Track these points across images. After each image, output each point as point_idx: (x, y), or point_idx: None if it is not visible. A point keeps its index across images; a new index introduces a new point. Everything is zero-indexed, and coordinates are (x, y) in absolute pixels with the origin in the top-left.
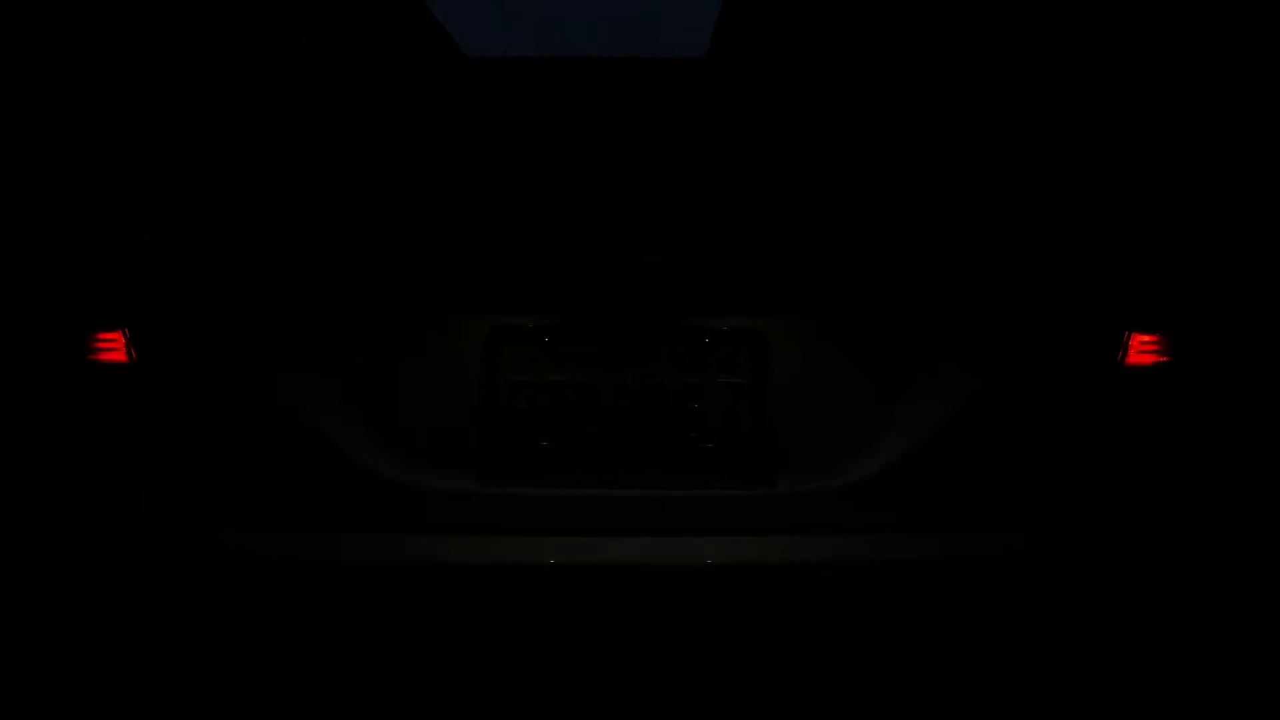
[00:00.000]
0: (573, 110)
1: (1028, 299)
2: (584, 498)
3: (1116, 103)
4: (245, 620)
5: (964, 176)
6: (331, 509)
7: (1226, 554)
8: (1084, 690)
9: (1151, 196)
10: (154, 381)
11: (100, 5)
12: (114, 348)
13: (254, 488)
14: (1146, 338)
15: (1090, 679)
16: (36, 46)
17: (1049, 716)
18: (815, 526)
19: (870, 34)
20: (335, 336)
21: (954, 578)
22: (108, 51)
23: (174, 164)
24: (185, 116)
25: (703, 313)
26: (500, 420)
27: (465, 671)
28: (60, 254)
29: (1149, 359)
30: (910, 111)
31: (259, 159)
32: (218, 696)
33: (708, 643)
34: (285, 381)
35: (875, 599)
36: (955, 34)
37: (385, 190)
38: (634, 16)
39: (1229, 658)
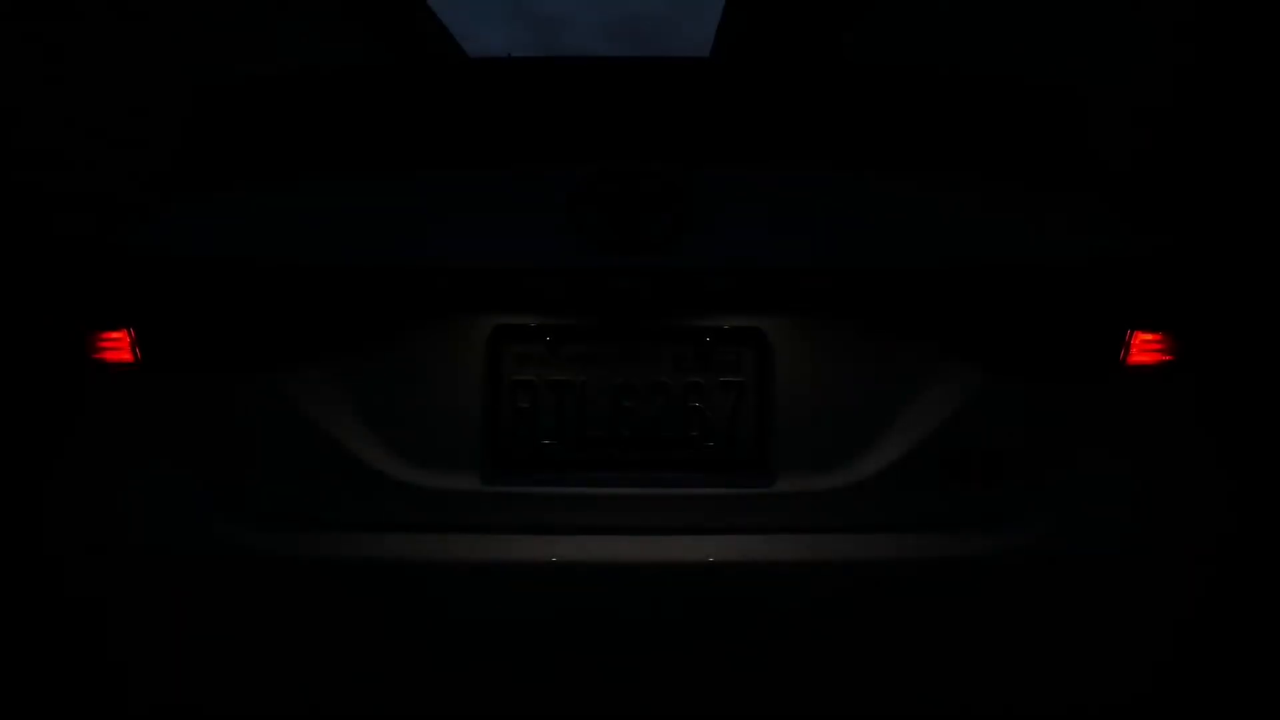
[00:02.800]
0: (575, 110)
1: (1030, 298)
2: (586, 497)
3: (1119, 102)
4: (248, 618)
5: (967, 176)
6: (335, 508)
7: (1230, 554)
8: (1085, 688)
9: (1155, 196)
10: (159, 380)
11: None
12: (119, 347)
13: (258, 486)
14: (1149, 337)
15: (1092, 677)
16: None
17: (1047, 713)
18: (817, 525)
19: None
20: (339, 336)
21: (955, 576)
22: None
23: (179, 166)
24: (192, 117)
25: (705, 312)
26: (503, 420)
27: (467, 669)
28: (66, 255)
29: (1152, 358)
30: (913, 110)
31: (263, 160)
32: (219, 693)
33: (710, 639)
34: (290, 381)
35: (876, 597)
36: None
37: (389, 190)
38: (637, 17)
39: (1233, 659)
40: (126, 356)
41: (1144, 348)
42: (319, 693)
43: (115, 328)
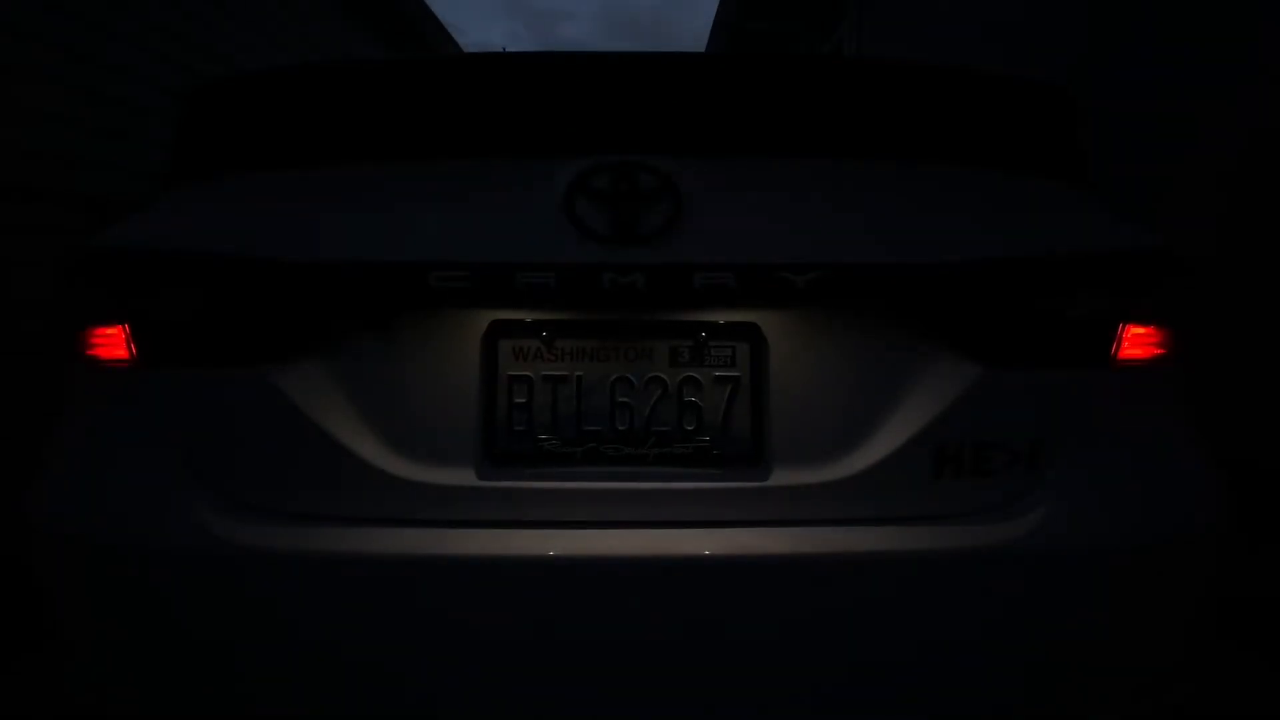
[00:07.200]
0: (571, 104)
1: (1025, 293)
2: (581, 491)
3: (1114, 98)
4: (243, 614)
5: (962, 171)
6: (330, 503)
7: (1225, 547)
8: (1083, 681)
9: (1150, 193)
10: (154, 376)
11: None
12: (113, 343)
13: (253, 482)
14: (1142, 331)
15: (1089, 670)
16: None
17: (1041, 708)
18: (812, 518)
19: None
20: (334, 331)
21: (951, 569)
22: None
23: (174, 162)
24: (185, 114)
25: (700, 307)
26: (499, 414)
27: (463, 664)
28: (61, 251)
29: (1145, 352)
30: (908, 105)
31: (256, 156)
32: (215, 690)
33: (706, 633)
34: (285, 376)
35: (872, 590)
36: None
37: (383, 185)
38: (635, 10)
39: (1219, 653)
40: (121, 353)
41: (1137, 342)
42: (315, 689)
43: (109, 324)
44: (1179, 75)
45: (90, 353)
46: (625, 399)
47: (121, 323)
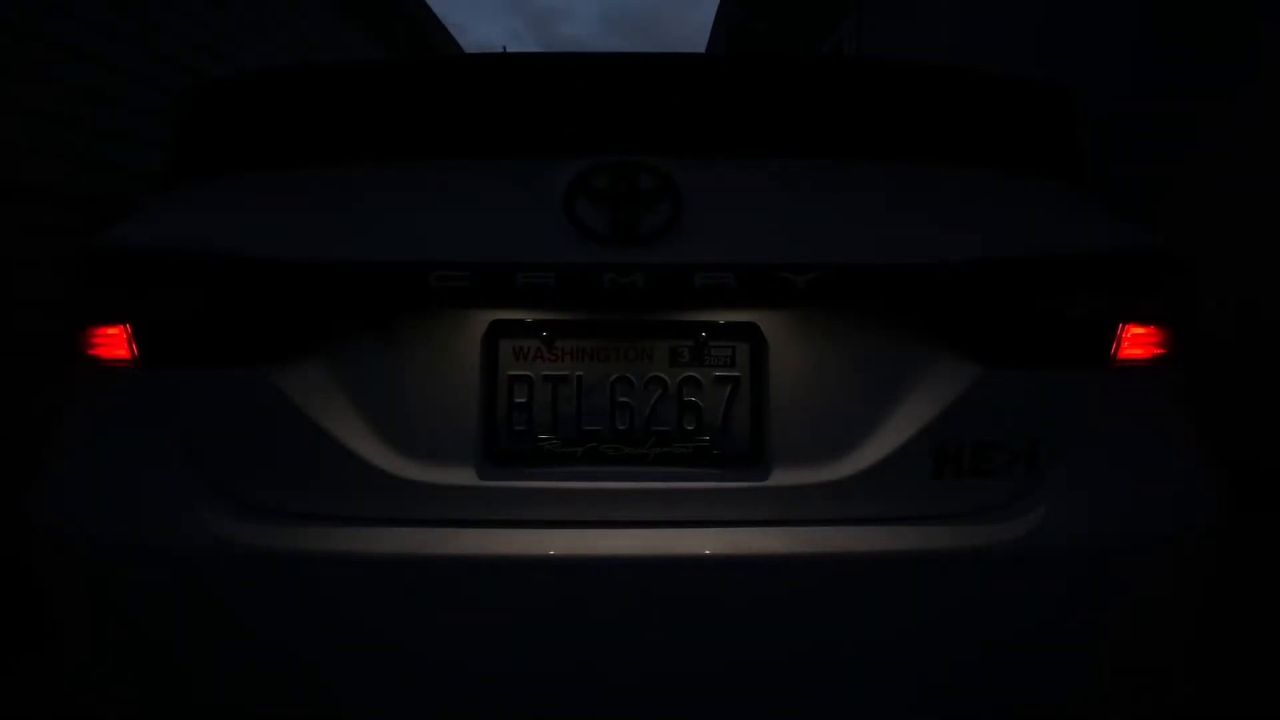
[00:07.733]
0: (572, 104)
1: (1024, 292)
2: (581, 491)
3: (1112, 97)
4: (244, 613)
5: (961, 171)
6: (331, 503)
7: (1223, 546)
8: (1082, 679)
9: (1147, 192)
10: (155, 375)
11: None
12: (114, 343)
13: (254, 481)
14: (1142, 331)
15: (1088, 668)
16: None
17: (1041, 708)
18: (812, 518)
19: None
20: (335, 331)
21: (950, 569)
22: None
23: (174, 163)
24: (184, 115)
25: (700, 306)
26: (499, 414)
27: (463, 663)
28: (64, 252)
29: (1145, 352)
30: (908, 105)
31: (256, 155)
32: (213, 688)
33: (706, 632)
34: (286, 376)
35: (872, 590)
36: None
37: (383, 185)
38: (634, 11)
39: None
40: (122, 352)
41: (1137, 342)
42: (314, 689)
43: (110, 323)
44: (1179, 75)
45: (91, 352)
46: (625, 399)
47: (122, 322)
